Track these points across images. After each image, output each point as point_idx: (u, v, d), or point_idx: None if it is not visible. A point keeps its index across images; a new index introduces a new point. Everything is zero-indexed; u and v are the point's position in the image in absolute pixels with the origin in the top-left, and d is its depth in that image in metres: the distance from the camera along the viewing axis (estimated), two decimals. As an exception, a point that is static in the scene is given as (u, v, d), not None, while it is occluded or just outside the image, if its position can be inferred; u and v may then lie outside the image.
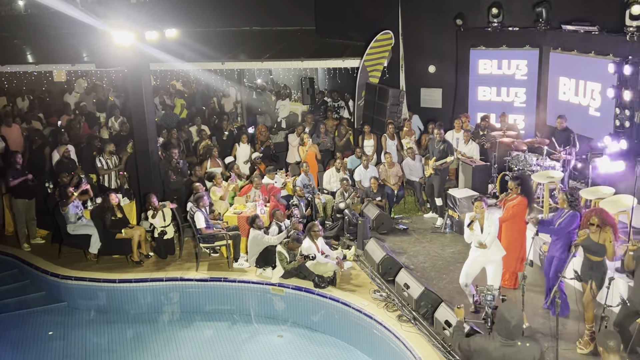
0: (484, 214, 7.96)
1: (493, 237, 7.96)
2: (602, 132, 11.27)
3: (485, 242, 7.94)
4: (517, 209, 8.62)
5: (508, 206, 8.68)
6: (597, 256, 7.13)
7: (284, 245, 9.64)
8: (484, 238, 7.95)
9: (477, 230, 7.96)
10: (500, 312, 5.21)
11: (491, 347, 5.17)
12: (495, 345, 5.14)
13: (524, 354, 5.09)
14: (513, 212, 8.60)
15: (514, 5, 13.44)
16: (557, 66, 12.65)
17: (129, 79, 11.74)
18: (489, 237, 7.93)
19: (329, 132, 14.48)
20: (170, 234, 10.83)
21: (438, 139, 11.47)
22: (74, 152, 13.03)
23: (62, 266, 10.76)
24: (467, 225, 8.05)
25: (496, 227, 8.01)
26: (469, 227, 8.00)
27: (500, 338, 5.12)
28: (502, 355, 5.11)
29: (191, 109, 18.34)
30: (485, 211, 7.97)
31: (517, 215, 8.64)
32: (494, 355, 5.15)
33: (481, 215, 7.96)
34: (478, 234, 7.96)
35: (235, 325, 9.77)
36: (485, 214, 7.97)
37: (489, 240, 7.94)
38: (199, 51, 16.06)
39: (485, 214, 7.97)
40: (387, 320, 8.48)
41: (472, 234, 8.01)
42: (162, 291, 10.25)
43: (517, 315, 5.11)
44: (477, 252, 8.11)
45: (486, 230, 7.94)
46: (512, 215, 8.60)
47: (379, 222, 11.36)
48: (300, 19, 19.20)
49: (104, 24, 10.43)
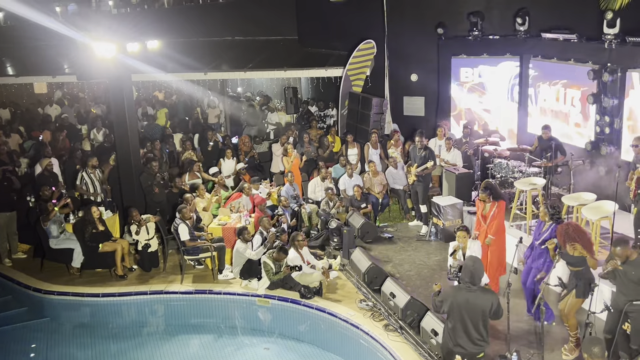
0: (467, 243, 8.14)
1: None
2: (583, 138, 11.42)
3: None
4: (500, 215, 8.78)
5: (491, 217, 8.78)
6: (576, 267, 7.19)
7: (269, 256, 9.60)
8: None
9: (460, 259, 8.05)
10: (465, 262, 6.39)
11: (456, 293, 6.31)
12: (460, 291, 6.25)
13: (482, 298, 6.18)
14: (499, 220, 8.77)
15: (494, 14, 13.57)
16: (538, 73, 12.79)
17: (110, 91, 11.67)
18: None
19: (313, 142, 14.50)
20: (154, 246, 10.75)
21: (419, 146, 11.53)
22: (57, 165, 12.87)
23: (45, 281, 10.61)
24: (450, 254, 8.19)
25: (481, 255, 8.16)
26: (452, 256, 8.13)
27: (463, 284, 6.23)
28: (466, 300, 6.17)
29: (174, 119, 18.26)
30: (468, 240, 8.18)
31: (502, 217, 8.85)
32: (458, 299, 6.21)
33: (464, 245, 8.14)
34: (461, 262, 7.92)
35: (221, 337, 9.68)
36: (468, 243, 8.17)
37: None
38: (181, 62, 16.02)
39: (468, 243, 8.16)
40: (374, 330, 8.47)
41: (455, 262, 8.08)
42: (146, 305, 10.14)
43: (477, 263, 6.31)
44: None
45: None
46: (500, 224, 8.76)
47: (364, 231, 11.37)
48: (282, 28, 19.22)
49: (85, 36, 10.35)
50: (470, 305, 6.17)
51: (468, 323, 6.17)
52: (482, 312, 6.16)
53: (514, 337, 7.75)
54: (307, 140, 14.15)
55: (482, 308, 6.14)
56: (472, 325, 6.15)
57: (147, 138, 14.79)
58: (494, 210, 8.79)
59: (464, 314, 6.19)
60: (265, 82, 21.34)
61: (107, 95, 14.42)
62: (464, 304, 6.19)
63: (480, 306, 6.15)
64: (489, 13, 13.56)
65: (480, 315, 6.15)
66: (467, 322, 6.17)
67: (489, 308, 6.18)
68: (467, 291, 6.23)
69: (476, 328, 6.16)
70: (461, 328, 6.22)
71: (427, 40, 14.48)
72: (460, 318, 6.22)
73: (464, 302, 6.18)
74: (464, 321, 6.19)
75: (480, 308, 6.15)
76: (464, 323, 6.20)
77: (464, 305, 6.18)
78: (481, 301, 6.15)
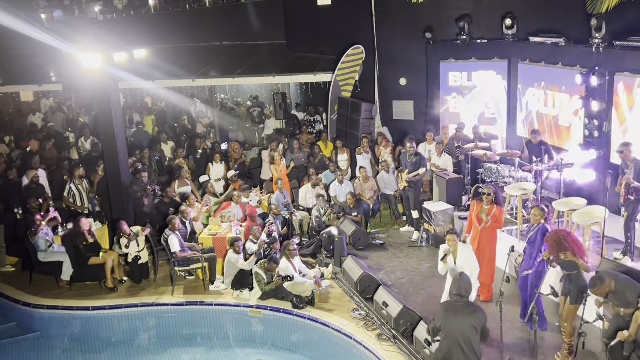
0: (457, 246, 7.98)
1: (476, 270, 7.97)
2: (571, 142, 11.45)
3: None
4: (497, 217, 8.78)
5: (493, 214, 8.75)
6: (569, 270, 7.20)
7: (260, 266, 9.55)
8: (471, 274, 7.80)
9: (450, 263, 7.91)
10: (453, 278, 6.47)
11: (446, 309, 6.30)
12: (449, 308, 6.26)
13: (472, 315, 6.14)
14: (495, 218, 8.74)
15: (481, 18, 13.58)
16: (526, 77, 12.81)
17: (97, 100, 11.57)
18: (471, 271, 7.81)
19: (303, 148, 14.45)
20: (145, 258, 10.65)
21: (410, 152, 11.50)
22: (44, 176, 12.73)
23: (34, 295, 10.50)
24: (440, 259, 8.00)
25: (474, 261, 8.00)
26: (442, 260, 7.95)
27: (452, 299, 6.30)
28: (455, 311, 6.18)
29: (163, 126, 18.15)
30: (459, 244, 8.00)
31: (499, 223, 8.84)
32: (448, 315, 6.21)
33: (454, 248, 7.95)
34: (451, 266, 7.90)
35: (213, 349, 9.62)
36: (459, 247, 7.97)
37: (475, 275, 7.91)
38: (168, 69, 15.91)
39: (458, 247, 7.97)
40: (367, 340, 8.44)
41: (445, 267, 7.97)
42: (137, 317, 10.04)
43: (463, 276, 6.43)
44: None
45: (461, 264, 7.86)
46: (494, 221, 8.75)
47: (356, 238, 11.34)
48: (270, 33, 19.16)
49: (71, 47, 10.25)
50: (460, 321, 6.13)
51: (460, 339, 6.10)
52: (473, 328, 6.11)
53: (507, 345, 7.75)
54: (297, 147, 14.10)
55: (472, 324, 6.11)
56: (464, 341, 6.08)
57: (135, 146, 14.68)
58: (495, 211, 8.75)
59: (455, 330, 6.14)
60: (255, 87, 21.26)
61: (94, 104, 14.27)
62: (453, 320, 6.16)
63: (470, 322, 6.12)
64: (476, 17, 13.57)
65: (472, 331, 6.10)
66: (459, 338, 6.11)
67: (479, 325, 6.13)
68: (456, 307, 6.23)
69: (467, 344, 6.09)
70: (454, 344, 6.15)
71: (415, 45, 14.48)
72: (452, 334, 6.16)
73: (453, 317, 6.17)
74: (456, 338, 6.12)
75: (471, 324, 6.11)
76: (456, 339, 6.12)
77: (454, 321, 6.15)
78: (470, 318, 6.13)
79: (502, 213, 8.97)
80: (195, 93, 20.45)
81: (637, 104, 10.08)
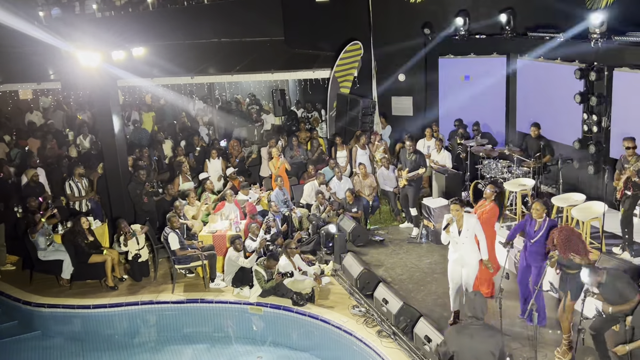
0: (462, 216, 7.89)
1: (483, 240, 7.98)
2: (571, 137, 11.46)
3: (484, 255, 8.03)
4: (488, 216, 8.71)
5: (479, 213, 8.74)
6: (571, 269, 7.21)
7: (260, 264, 9.56)
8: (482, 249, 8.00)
9: (453, 232, 7.92)
10: (467, 296, 6.02)
11: (461, 329, 5.83)
12: (463, 332, 5.74)
13: (489, 331, 5.73)
14: (484, 218, 8.63)
15: (480, 13, 13.56)
16: (525, 72, 12.81)
17: (96, 99, 11.57)
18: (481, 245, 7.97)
19: (302, 144, 14.45)
20: (145, 256, 10.67)
21: (410, 150, 11.50)
22: (44, 175, 12.74)
23: (34, 293, 10.51)
24: (443, 228, 8.00)
25: (481, 230, 7.97)
26: (445, 230, 7.95)
27: (467, 318, 5.79)
28: (470, 335, 5.67)
29: (162, 123, 18.15)
30: (462, 213, 7.91)
31: (489, 223, 8.68)
32: (463, 334, 5.72)
33: (458, 217, 7.89)
34: (455, 236, 7.92)
35: (214, 347, 9.64)
36: (464, 217, 7.90)
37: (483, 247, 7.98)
38: (167, 66, 15.90)
39: (463, 217, 7.88)
40: (367, 337, 8.46)
41: (448, 236, 7.98)
42: (138, 315, 10.07)
43: (478, 296, 5.84)
44: (454, 256, 8.10)
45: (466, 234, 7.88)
46: (484, 222, 8.57)
47: (355, 234, 11.36)
48: (268, 29, 19.12)
49: (70, 45, 10.24)
50: (476, 346, 5.66)
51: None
52: (491, 354, 5.61)
53: (507, 341, 7.77)
54: (295, 144, 14.10)
55: (490, 349, 5.62)
56: None
57: (134, 144, 14.68)
58: (487, 209, 8.72)
59: (470, 357, 5.68)
60: (253, 84, 21.25)
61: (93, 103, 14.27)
62: (468, 345, 5.67)
63: (487, 348, 5.63)
64: (475, 12, 13.56)
65: (489, 357, 5.62)
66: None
67: (497, 350, 5.63)
68: (471, 330, 5.72)
69: None
70: None
71: (414, 40, 14.47)
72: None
73: (468, 342, 5.67)
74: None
75: (488, 350, 5.62)
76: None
77: (469, 346, 5.68)
78: (488, 344, 5.62)
79: (495, 212, 8.80)
80: (195, 90, 20.42)
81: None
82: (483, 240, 7.99)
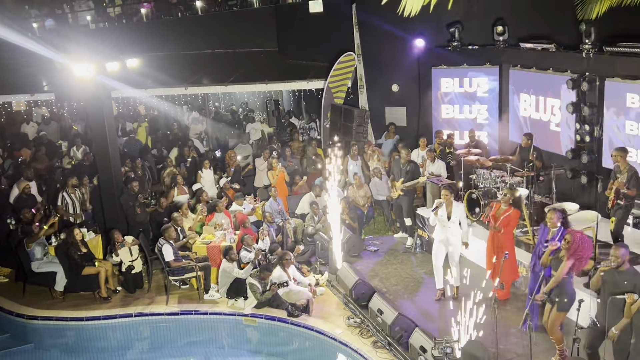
0: (452, 202, 8.82)
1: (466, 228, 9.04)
2: (563, 147, 11.52)
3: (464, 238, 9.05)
4: (510, 219, 8.92)
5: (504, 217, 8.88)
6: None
7: (254, 276, 9.54)
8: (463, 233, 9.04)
9: (442, 216, 8.86)
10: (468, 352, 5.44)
11: None
12: None
13: None
14: (508, 220, 8.89)
15: (473, 24, 13.65)
16: (517, 83, 12.90)
17: (90, 110, 11.55)
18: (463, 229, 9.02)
19: (295, 155, 14.45)
20: (138, 267, 10.63)
21: (404, 160, 11.54)
22: (35, 187, 12.67)
23: (27, 305, 10.43)
24: (432, 210, 8.97)
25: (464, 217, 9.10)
26: (434, 212, 8.90)
27: None
28: None
29: (157, 133, 18.12)
30: (452, 199, 8.83)
31: (511, 226, 9.04)
32: None
33: (447, 202, 8.79)
34: (443, 220, 8.88)
35: (208, 359, 9.60)
36: (453, 203, 8.85)
37: (464, 231, 9.02)
38: (161, 77, 15.89)
39: (453, 203, 8.84)
40: (362, 348, 8.45)
41: (435, 218, 8.91)
42: (132, 327, 10.01)
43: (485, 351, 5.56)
44: (440, 237, 9.14)
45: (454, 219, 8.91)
46: (506, 225, 8.88)
47: (350, 245, 11.35)
48: (262, 40, 19.13)
49: (64, 57, 10.24)
50: None
51: None
52: None
53: (502, 351, 7.78)
54: (289, 154, 14.11)
55: None
56: None
57: (127, 155, 14.65)
58: (509, 213, 8.91)
59: None
60: (247, 95, 21.27)
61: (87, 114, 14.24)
62: None
63: None
64: (468, 23, 13.65)
65: None
66: None
67: None
68: None
69: None
70: None
71: (407, 51, 14.54)
72: None
73: None
74: None
75: None
76: None
77: None
78: None
79: (518, 216, 9.12)
80: (189, 101, 20.41)
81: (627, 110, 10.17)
82: (465, 226, 9.10)
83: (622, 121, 10.34)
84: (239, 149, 15.34)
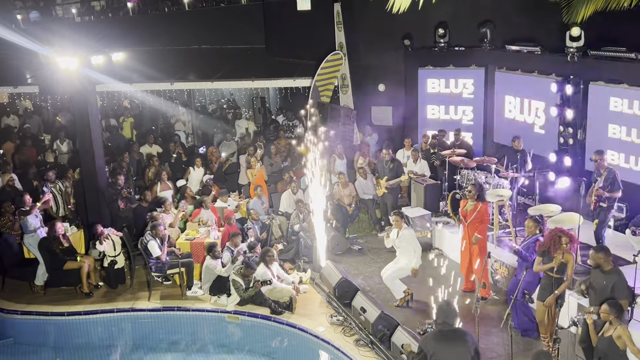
0: (401, 226, 9.14)
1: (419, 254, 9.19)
2: (547, 149, 11.62)
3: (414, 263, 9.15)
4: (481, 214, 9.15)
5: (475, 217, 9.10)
6: (559, 273, 7.33)
7: (237, 273, 9.51)
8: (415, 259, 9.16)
9: (392, 237, 9.24)
10: (439, 305, 6.02)
11: (437, 336, 5.87)
12: (439, 332, 5.84)
13: (461, 334, 5.86)
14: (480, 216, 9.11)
15: (459, 26, 13.72)
16: (503, 85, 12.99)
17: (74, 104, 11.45)
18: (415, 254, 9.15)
19: (280, 152, 14.43)
20: (121, 263, 10.55)
21: (387, 158, 11.60)
22: (18, 180, 12.54)
23: (7, 300, 10.32)
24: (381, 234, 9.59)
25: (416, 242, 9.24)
26: (385, 236, 9.37)
27: (439, 325, 5.83)
28: (446, 340, 5.77)
29: (141, 129, 18.00)
30: (402, 224, 9.14)
31: (485, 221, 9.23)
32: (440, 340, 5.79)
33: (396, 226, 9.16)
34: (394, 241, 9.26)
35: (190, 355, 9.56)
36: (403, 226, 9.15)
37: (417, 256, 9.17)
38: (147, 72, 15.79)
39: (402, 227, 9.15)
40: (345, 346, 8.45)
41: (388, 241, 9.34)
42: (113, 323, 9.93)
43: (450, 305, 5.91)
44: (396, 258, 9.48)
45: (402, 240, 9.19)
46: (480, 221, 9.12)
47: (334, 243, 11.37)
48: (250, 37, 19.09)
49: (48, 50, 10.13)
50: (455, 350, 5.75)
51: None
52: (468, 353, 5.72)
53: (483, 350, 7.82)
54: (274, 152, 14.08)
55: (468, 348, 5.73)
56: None
57: (111, 149, 14.53)
58: (478, 210, 9.10)
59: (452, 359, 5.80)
60: (234, 91, 21.20)
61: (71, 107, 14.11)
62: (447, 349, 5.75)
63: (465, 348, 5.73)
64: (454, 24, 13.71)
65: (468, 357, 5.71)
66: None
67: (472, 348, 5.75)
68: (447, 335, 5.81)
69: None
70: None
71: (394, 51, 14.58)
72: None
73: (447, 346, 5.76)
74: None
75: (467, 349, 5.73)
76: None
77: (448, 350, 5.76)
78: (465, 345, 5.73)
79: (487, 207, 9.32)
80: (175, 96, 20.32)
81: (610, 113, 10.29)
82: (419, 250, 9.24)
83: (605, 125, 10.46)
84: (224, 146, 15.28)
